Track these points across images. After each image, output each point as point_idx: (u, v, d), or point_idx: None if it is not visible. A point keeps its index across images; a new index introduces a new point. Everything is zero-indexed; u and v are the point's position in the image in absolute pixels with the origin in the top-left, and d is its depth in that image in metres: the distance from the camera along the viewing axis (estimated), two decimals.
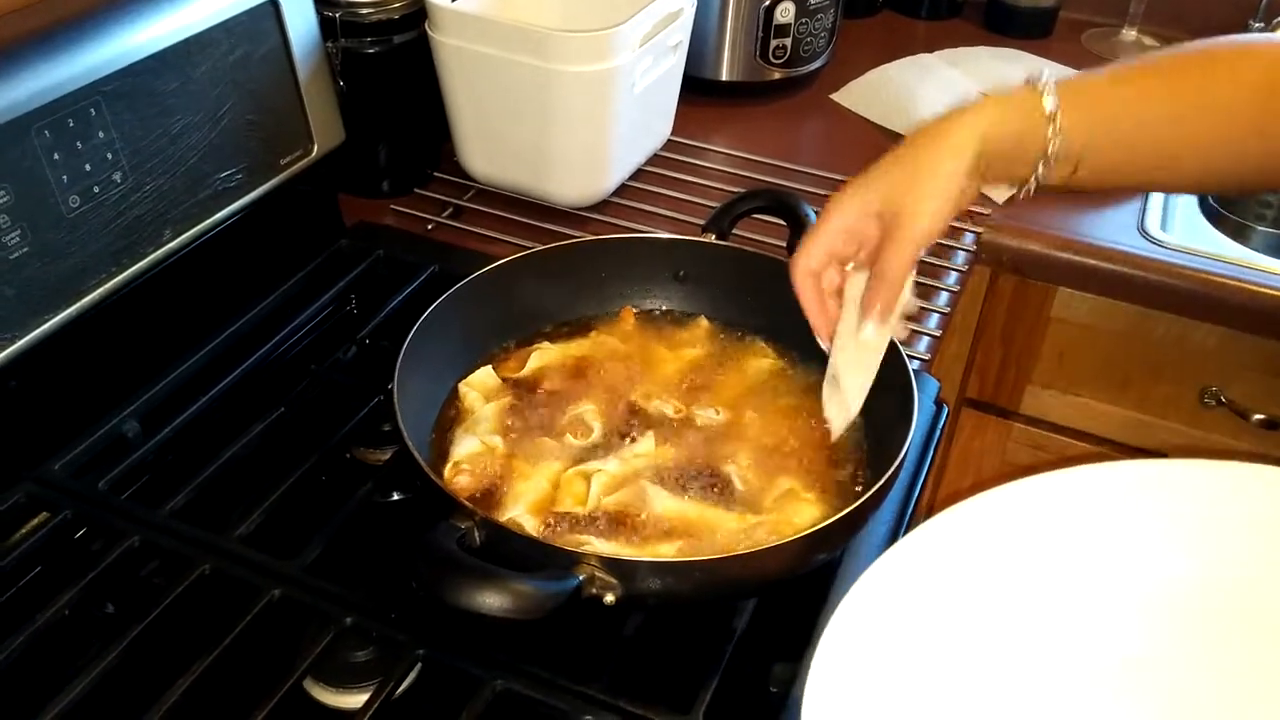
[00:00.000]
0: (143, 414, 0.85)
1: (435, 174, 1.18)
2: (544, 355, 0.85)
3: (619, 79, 1.01)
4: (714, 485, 0.74)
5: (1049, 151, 0.67)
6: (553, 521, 0.71)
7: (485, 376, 0.83)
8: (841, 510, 0.65)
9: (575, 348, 0.86)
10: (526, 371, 0.84)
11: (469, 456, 0.76)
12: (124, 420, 0.84)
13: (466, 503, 0.65)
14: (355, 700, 0.66)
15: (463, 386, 0.82)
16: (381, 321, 0.94)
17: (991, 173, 0.69)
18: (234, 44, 0.86)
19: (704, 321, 0.89)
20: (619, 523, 0.71)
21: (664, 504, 0.71)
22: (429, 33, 1.04)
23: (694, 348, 0.87)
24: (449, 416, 0.80)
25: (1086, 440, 1.25)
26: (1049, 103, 0.67)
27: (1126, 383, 1.19)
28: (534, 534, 0.70)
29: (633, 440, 0.77)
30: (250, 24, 0.88)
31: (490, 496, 0.73)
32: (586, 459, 0.76)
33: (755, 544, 0.68)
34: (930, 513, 1.43)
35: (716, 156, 1.25)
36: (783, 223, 0.89)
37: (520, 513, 0.71)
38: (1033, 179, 0.69)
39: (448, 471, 0.75)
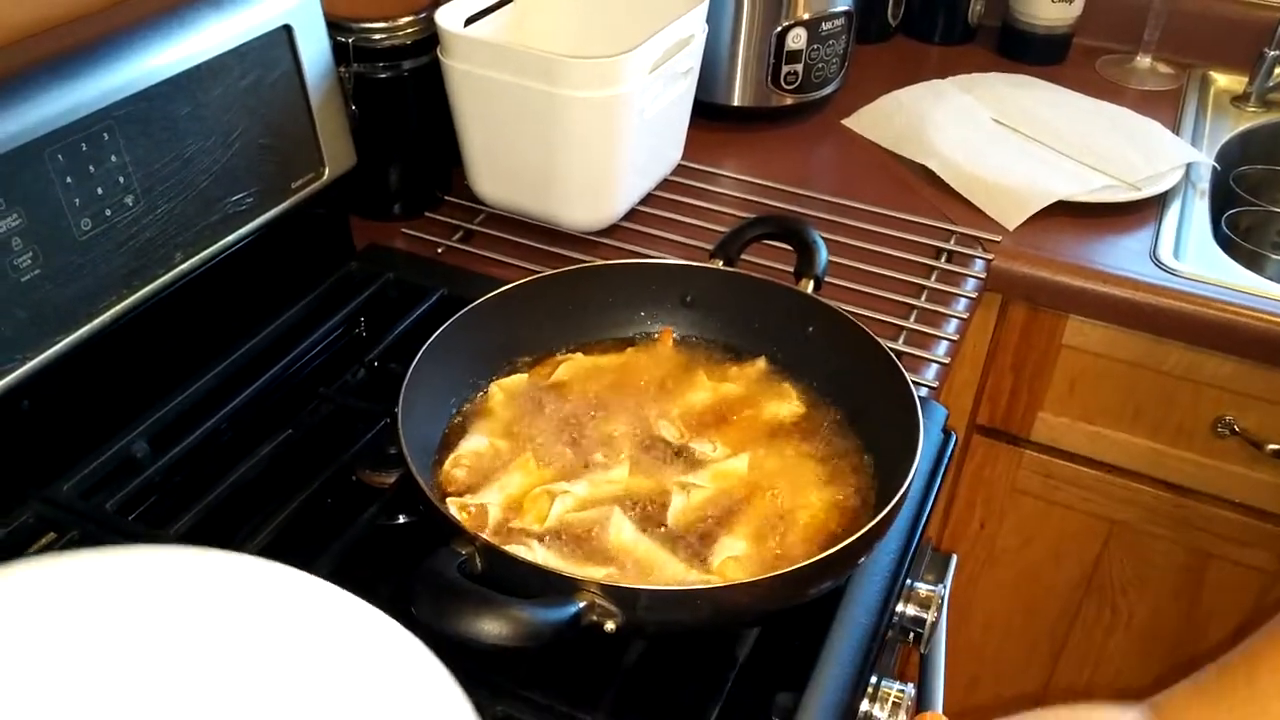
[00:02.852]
0: (152, 435, 0.85)
1: (446, 197, 1.19)
2: (574, 365, 0.87)
3: (628, 105, 1.01)
4: (661, 526, 0.73)
5: None
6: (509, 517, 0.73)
7: (516, 381, 0.85)
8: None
9: (607, 361, 0.87)
10: (555, 378, 0.85)
11: (471, 453, 0.78)
12: (133, 441, 0.84)
13: (468, 527, 0.65)
14: None
15: (493, 386, 0.84)
16: (390, 344, 0.95)
17: None
18: (247, 69, 0.87)
19: (761, 362, 0.87)
20: (570, 537, 0.71)
21: (623, 534, 0.71)
22: (440, 58, 1.05)
23: (736, 384, 0.86)
24: (465, 416, 0.82)
25: (1098, 469, 1.24)
26: None
27: (1139, 412, 1.19)
28: (495, 522, 0.72)
29: (607, 466, 0.77)
30: (263, 50, 0.89)
31: (475, 490, 0.75)
32: (577, 474, 0.76)
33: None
34: (941, 541, 1.43)
35: (728, 182, 1.25)
36: (790, 248, 0.90)
37: (493, 501, 0.73)
38: None
39: (448, 463, 0.77)
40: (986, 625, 1.45)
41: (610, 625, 0.61)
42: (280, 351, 0.95)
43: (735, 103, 1.35)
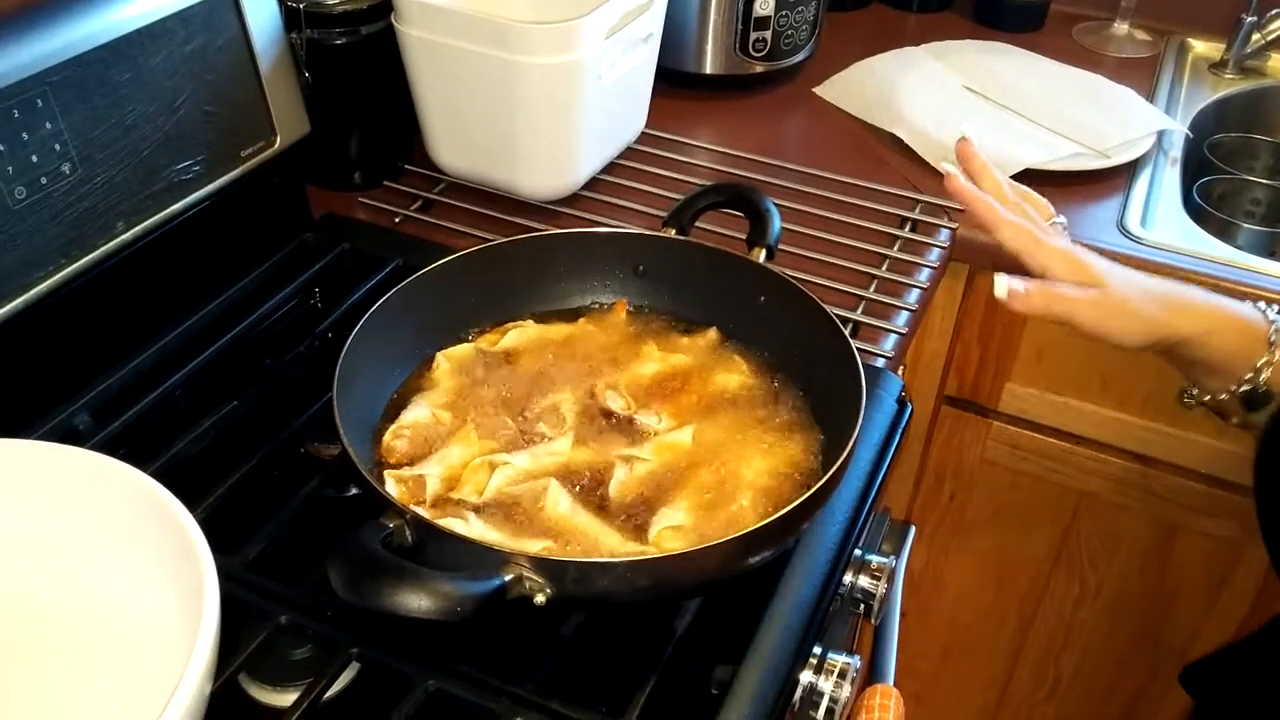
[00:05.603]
0: (95, 407, 0.85)
1: (407, 166, 1.17)
2: (523, 333, 0.85)
3: (585, 71, 1.00)
4: (601, 499, 0.72)
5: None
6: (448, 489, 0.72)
7: (463, 350, 0.84)
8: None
9: (556, 331, 0.86)
10: (501, 346, 0.84)
11: (413, 423, 0.77)
12: (75, 413, 0.83)
13: (406, 499, 0.64)
14: (291, 698, 0.66)
15: (439, 356, 0.82)
16: (342, 315, 0.93)
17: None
18: (190, 34, 0.86)
19: (712, 333, 0.86)
20: (508, 509, 0.70)
21: (560, 507, 0.70)
22: (395, 24, 1.03)
23: (686, 354, 0.85)
24: (410, 387, 0.81)
25: (1066, 439, 1.23)
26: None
27: (1106, 382, 1.18)
28: (433, 494, 0.71)
29: (549, 439, 0.76)
30: (207, 14, 0.87)
31: (416, 461, 0.74)
32: (520, 445, 0.75)
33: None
34: (910, 513, 1.42)
35: (694, 150, 1.24)
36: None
37: (432, 474, 0.72)
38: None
39: (388, 435, 0.76)
40: (958, 597, 1.44)
41: (540, 598, 0.60)
42: (231, 322, 0.94)
43: (705, 70, 1.33)
